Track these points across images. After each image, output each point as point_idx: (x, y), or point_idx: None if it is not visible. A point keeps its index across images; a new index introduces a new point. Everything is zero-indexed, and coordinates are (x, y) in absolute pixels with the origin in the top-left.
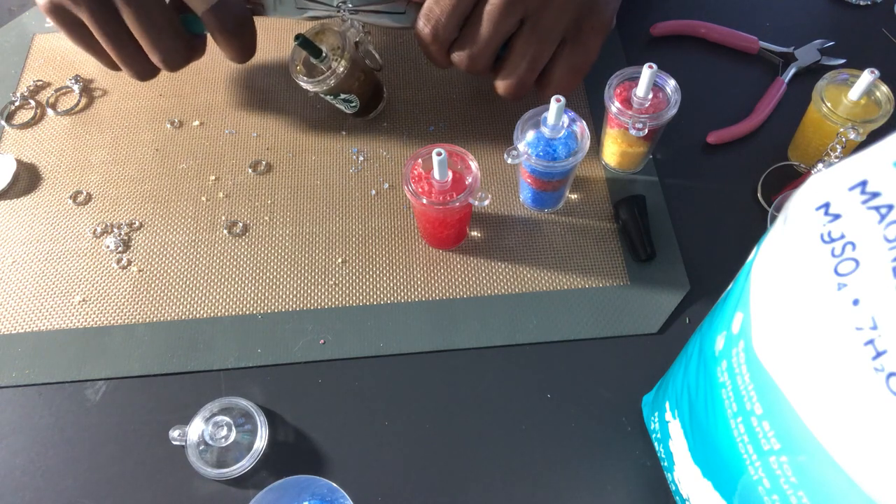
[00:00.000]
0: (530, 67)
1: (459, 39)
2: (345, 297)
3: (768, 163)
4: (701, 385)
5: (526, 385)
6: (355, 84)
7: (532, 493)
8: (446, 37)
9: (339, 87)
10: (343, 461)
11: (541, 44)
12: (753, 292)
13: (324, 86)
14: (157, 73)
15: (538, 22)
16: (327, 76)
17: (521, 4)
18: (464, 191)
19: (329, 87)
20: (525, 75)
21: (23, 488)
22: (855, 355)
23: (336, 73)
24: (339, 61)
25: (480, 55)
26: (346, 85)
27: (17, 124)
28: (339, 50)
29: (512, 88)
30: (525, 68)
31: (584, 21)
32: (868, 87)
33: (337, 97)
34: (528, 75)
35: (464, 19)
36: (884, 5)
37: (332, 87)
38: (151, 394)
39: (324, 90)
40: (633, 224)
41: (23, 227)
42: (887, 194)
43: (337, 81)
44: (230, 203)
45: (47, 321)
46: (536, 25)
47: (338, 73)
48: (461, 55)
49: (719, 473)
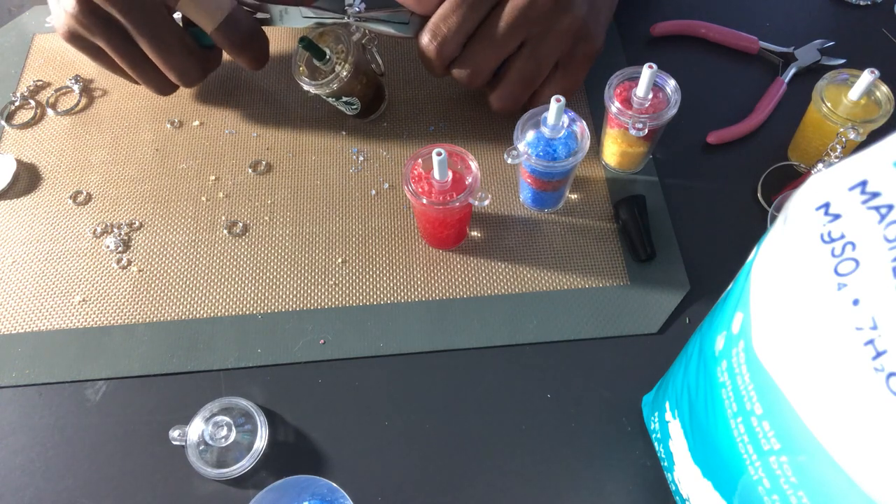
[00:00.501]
0: (525, 87)
1: (461, 57)
2: (345, 297)
3: (768, 163)
4: (701, 385)
5: (526, 385)
6: (357, 87)
7: (532, 493)
8: (450, 54)
9: (342, 90)
10: (343, 461)
11: (538, 67)
12: (753, 292)
13: (326, 89)
14: (177, 88)
15: (537, 46)
16: (330, 79)
17: (524, 29)
18: (464, 191)
19: (332, 90)
20: (519, 94)
21: (23, 488)
22: (855, 355)
23: (339, 76)
24: (342, 65)
25: (480, 73)
26: (348, 88)
27: (17, 124)
28: (343, 53)
29: (505, 105)
30: (520, 88)
31: (577, 47)
32: (868, 87)
33: (339, 99)
34: (522, 94)
35: (468, 38)
36: (884, 5)
37: (334, 90)
38: (151, 394)
39: (326, 93)
40: (633, 224)
41: (23, 227)
42: (887, 194)
43: (340, 85)
44: (230, 203)
45: (47, 321)
46: (536, 49)
47: (341, 76)
48: (462, 72)
49: (719, 473)
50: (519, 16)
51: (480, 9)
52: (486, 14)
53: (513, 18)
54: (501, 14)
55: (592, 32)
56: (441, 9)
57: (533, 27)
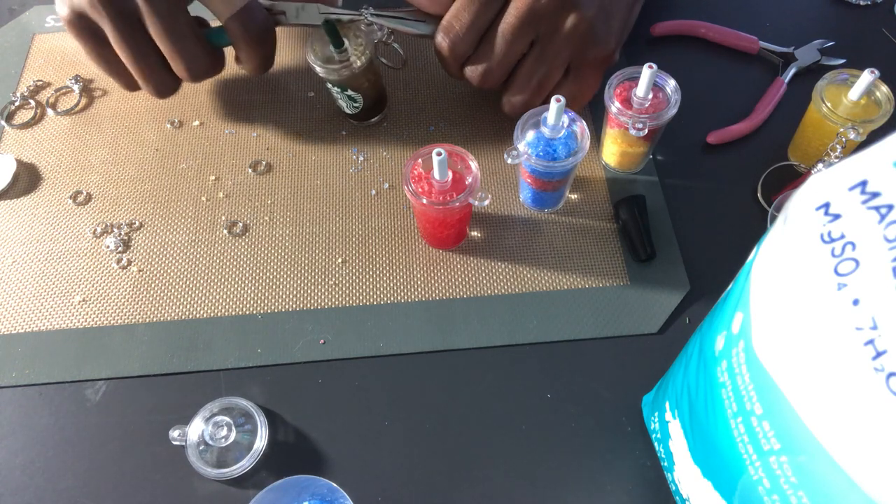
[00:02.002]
0: (537, 89)
1: (474, 55)
2: (345, 297)
3: (768, 163)
4: (701, 385)
5: (526, 385)
6: (365, 83)
7: (532, 493)
8: (463, 51)
9: (350, 81)
10: (343, 461)
11: (548, 67)
12: (753, 292)
13: (336, 75)
14: (176, 88)
15: (547, 45)
16: (343, 66)
17: (534, 27)
18: (464, 191)
19: (341, 77)
20: (531, 96)
21: (23, 488)
22: (855, 355)
23: (353, 66)
24: (359, 56)
25: (493, 71)
26: (356, 81)
27: (17, 124)
28: (361, 47)
29: (517, 107)
30: (531, 89)
31: (587, 52)
32: (868, 87)
33: (344, 91)
34: (534, 97)
35: (480, 36)
36: (884, 5)
37: (343, 78)
38: (151, 394)
39: (335, 79)
40: (633, 224)
41: (23, 227)
42: (887, 194)
43: (351, 74)
44: (230, 203)
45: (47, 321)
46: (545, 49)
47: (354, 66)
48: (475, 69)
49: (719, 473)
50: (527, 11)
51: (491, 5)
52: (497, 11)
53: (521, 13)
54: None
55: (602, 36)
56: (453, 7)
57: (541, 24)
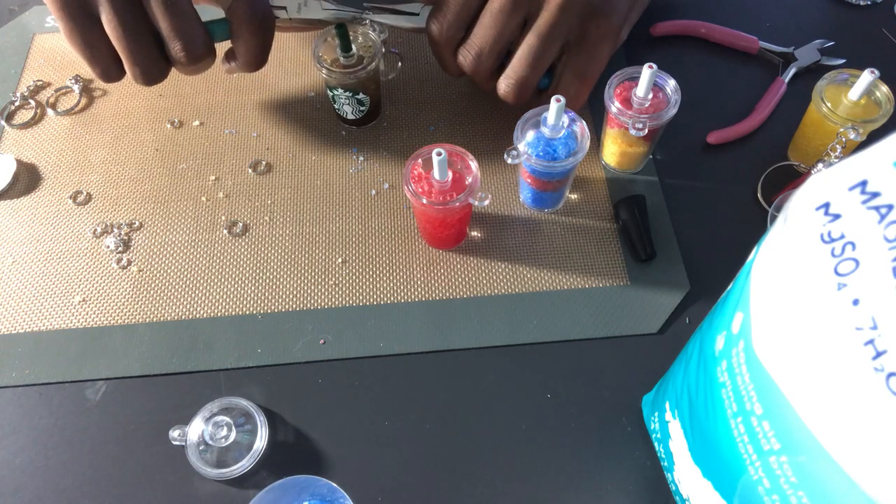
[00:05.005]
0: (531, 67)
1: (465, 40)
2: (345, 297)
3: (768, 163)
4: (701, 385)
5: (526, 385)
6: (372, 85)
7: (532, 493)
8: (452, 35)
9: (363, 84)
10: (343, 461)
11: (541, 43)
12: (753, 292)
13: (352, 78)
14: (164, 75)
15: (538, 21)
16: (358, 70)
17: (523, 4)
18: (464, 191)
19: (358, 79)
20: (525, 75)
21: (23, 488)
22: (855, 355)
23: (367, 68)
24: (372, 60)
25: (484, 56)
26: (367, 84)
27: (17, 124)
28: (371, 47)
29: (512, 89)
30: (525, 68)
31: (588, 24)
32: (868, 87)
33: (354, 95)
34: (529, 76)
35: (469, 20)
36: (884, 5)
37: (360, 79)
38: (151, 394)
39: (349, 83)
40: (633, 224)
41: (23, 227)
42: (887, 194)
43: (365, 76)
44: (230, 203)
45: (47, 321)
46: (537, 25)
47: (369, 68)
48: (466, 55)
49: (719, 473)
50: None
51: None
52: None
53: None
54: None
55: (603, 8)
56: None
57: (531, 2)
